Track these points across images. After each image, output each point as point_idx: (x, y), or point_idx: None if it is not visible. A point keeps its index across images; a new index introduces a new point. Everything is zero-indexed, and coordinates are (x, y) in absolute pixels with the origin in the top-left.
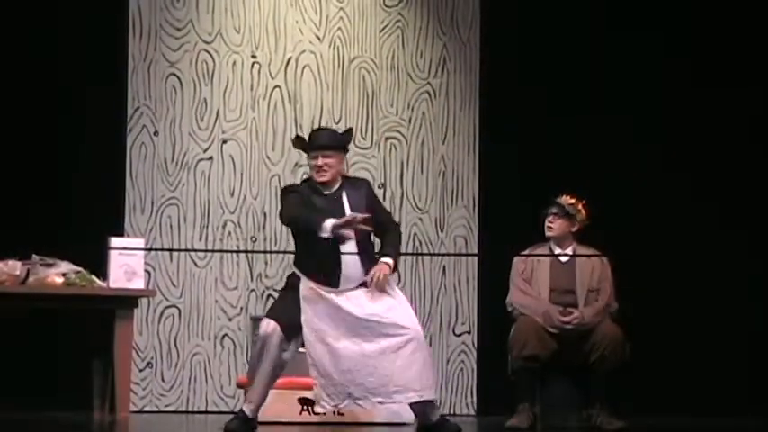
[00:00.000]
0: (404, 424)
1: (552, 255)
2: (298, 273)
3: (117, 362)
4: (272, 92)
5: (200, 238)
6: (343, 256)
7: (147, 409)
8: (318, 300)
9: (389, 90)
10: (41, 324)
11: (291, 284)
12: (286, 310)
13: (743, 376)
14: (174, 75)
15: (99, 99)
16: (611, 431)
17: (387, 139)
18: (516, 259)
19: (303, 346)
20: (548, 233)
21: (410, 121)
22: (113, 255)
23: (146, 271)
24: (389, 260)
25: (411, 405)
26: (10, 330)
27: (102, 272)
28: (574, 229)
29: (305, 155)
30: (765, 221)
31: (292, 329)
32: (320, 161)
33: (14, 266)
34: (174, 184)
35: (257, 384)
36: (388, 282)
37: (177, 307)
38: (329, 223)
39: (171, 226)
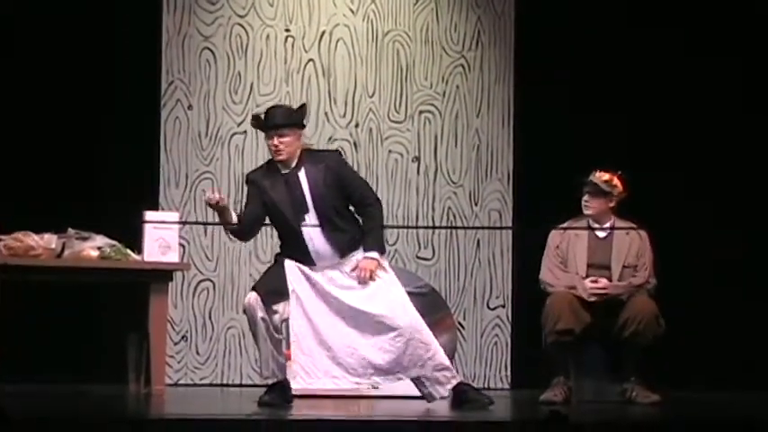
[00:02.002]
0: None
1: (589, 228)
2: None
3: (152, 335)
4: (305, 65)
5: (235, 212)
6: (305, 236)
7: (182, 382)
8: (303, 278)
9: (423, 63)
10: (76, 298)
11: (277, 261)
12: (267, 280)
13: None
14: (208, 49)
15: (133, 73)
16: (647, 405)
17: (421, 112)
18: (551, 234)
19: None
20: (585, 212)
21: (444, 95)
22: (148, 228)
23: (180, 245)
24: (374, 254)
25: (413, 382)
26: (45, 304)
27: (136, 245)
28: (611, 205)
29: (339, 128)
30: None
31: (272, 295)
32: (275, 140)
33: (50, 240)
34: (208, 158)
35: (261, 355)
36: (376, 274)
37: (211, 280)
38: None
39: None
